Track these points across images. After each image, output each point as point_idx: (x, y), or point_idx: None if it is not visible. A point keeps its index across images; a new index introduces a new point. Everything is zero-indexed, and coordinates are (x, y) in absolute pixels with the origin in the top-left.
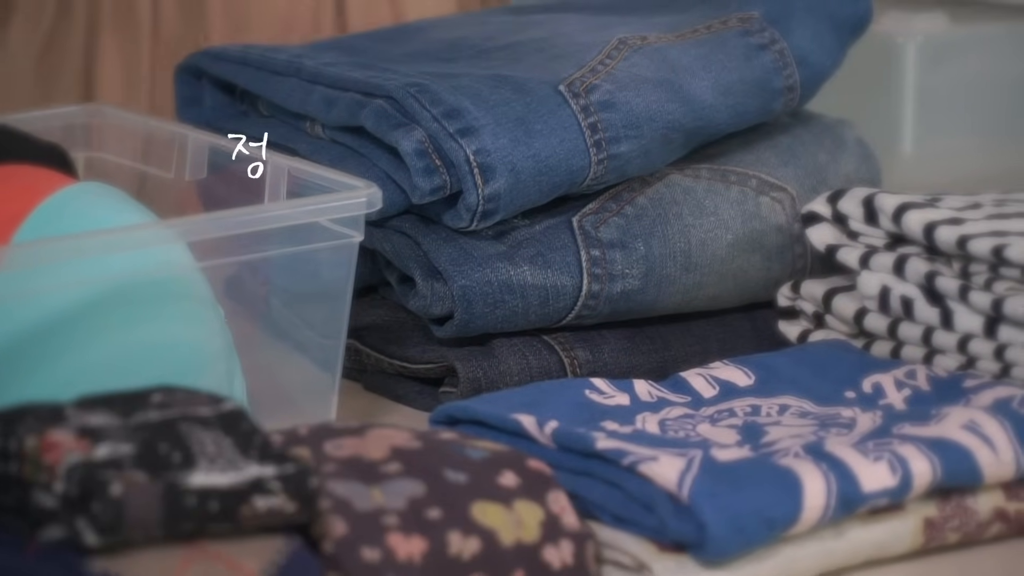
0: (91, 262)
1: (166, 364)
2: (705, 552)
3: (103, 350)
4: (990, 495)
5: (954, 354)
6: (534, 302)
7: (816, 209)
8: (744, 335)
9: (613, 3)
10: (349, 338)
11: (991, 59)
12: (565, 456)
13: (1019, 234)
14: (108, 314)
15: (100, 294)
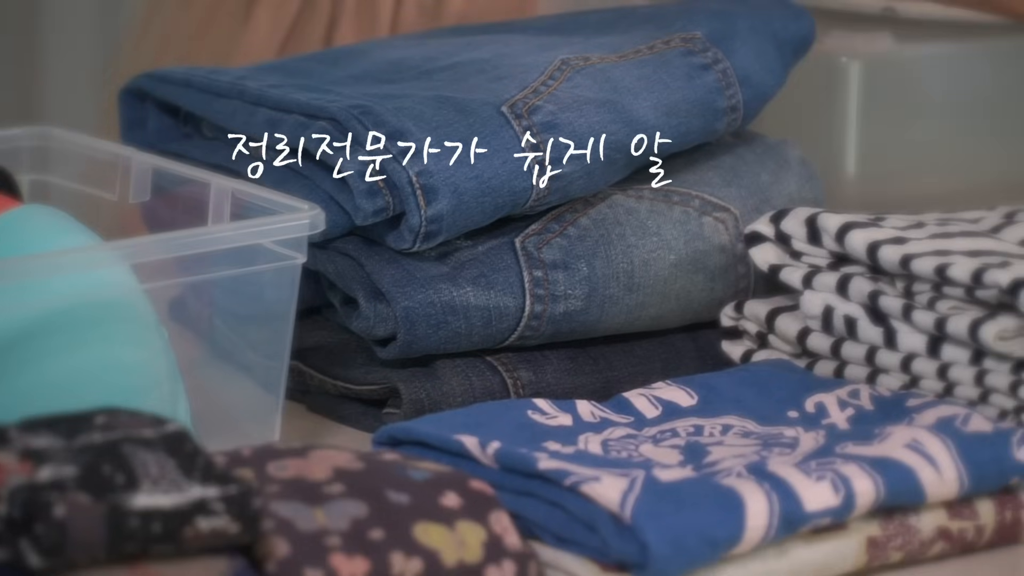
0: (35, 284)
1: (110, 386)
2: (647, 572)
3: (47, 372)
4: (933, 514)
5: (897, 373)
6: (477, 323)
7: (759, 229)
8: (687, 355)
9: (556, 24)
10: (293, 359)
11: (935, 78)
12: (507, 477)
13: (962, 253)
14: (52, 336)
15: (44, 316)
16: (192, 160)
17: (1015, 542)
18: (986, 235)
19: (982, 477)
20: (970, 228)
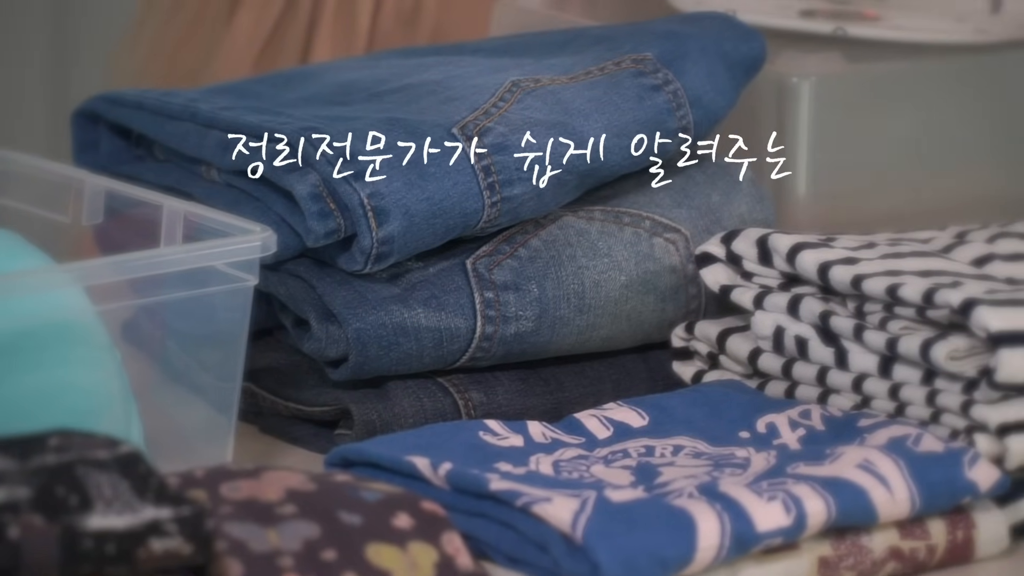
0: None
1: (63, 407)
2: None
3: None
4: (885, 534)
5: (849, 393)
6: (428, 344)
7: (710, 250)
8: (638, 376)
9: (507, 45)
10: (245, 381)
11: (886, 98)
12: (459, 497)
13: (913, 273)
14: (5, 358)
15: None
16: (145, 182)
17: (966, 561)
18: (937, 255)
19: (934, 497)
20: (921, 248)
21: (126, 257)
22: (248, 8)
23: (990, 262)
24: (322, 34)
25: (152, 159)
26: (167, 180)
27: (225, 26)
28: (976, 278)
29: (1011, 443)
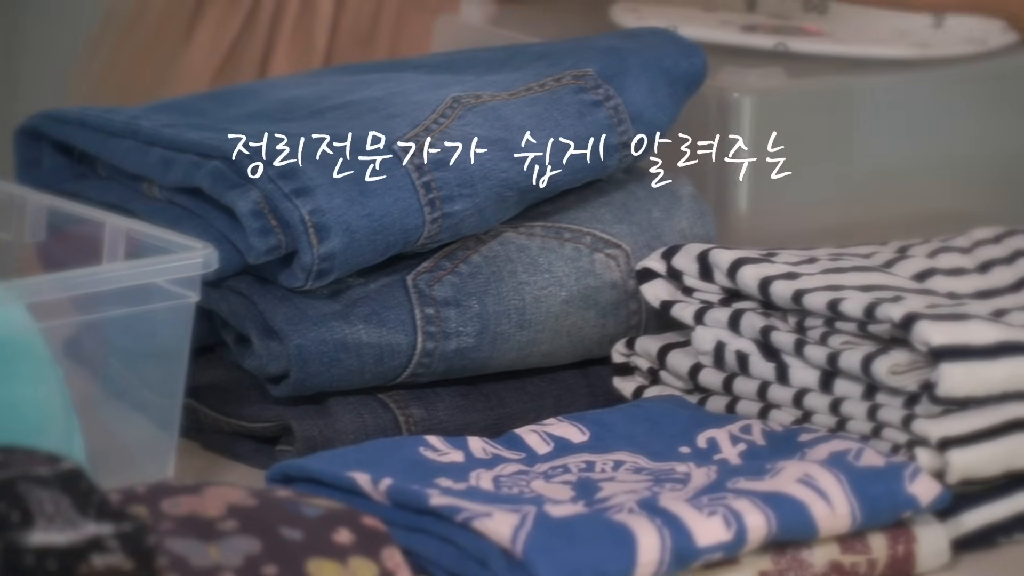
0: None
1: (5, 424)
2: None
3: None
4: (825, 548)
5: (790, 408)
6: (369, 360)
7: (651, 265)
8: (579, 392)
9: (448, 62)
10: (187, 397)
11: (828, 113)
12: (399, 513)
13: (855, 288)
14: None
15: None
16: (87, 199)
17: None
18: (879, 270)
19: (874, 511)
20: (863, 263)
21: (68, 274)
22: (206, 27)
23: (931, 277)
24: (279, 53)
25: (94, 176)
26: (109, 197)
27: (183, 44)
28: (917, 293)
29: (952, 457)
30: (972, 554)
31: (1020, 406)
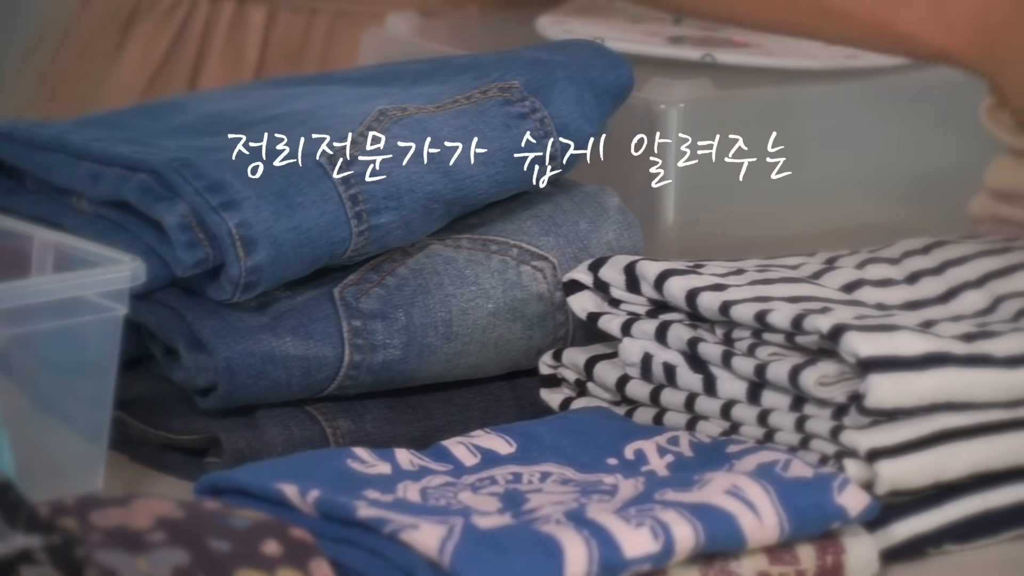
0: None
1: None
2: None
3: None
4: (754, 559)
5: (717, 420)
6: (296, 373)
7: (577, 277)
8: (506, 403)
9: (374, 75)
10: (115, 410)
11: (755, 125)
12: (327, 524)
13: (782, 299)
14: None
15: None
16: (16, 213)
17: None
18: (806, 281)
19: (803, 522)
20: (790, 274)
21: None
22: (137, 40)
23: (860, 288)
24: (209, 67)
25: (23, 190)
26: (38, 211)
27: (114, 59)
28: (846, 304)
29: (881, 468)
30: (901, 565)
31: (949, 417)
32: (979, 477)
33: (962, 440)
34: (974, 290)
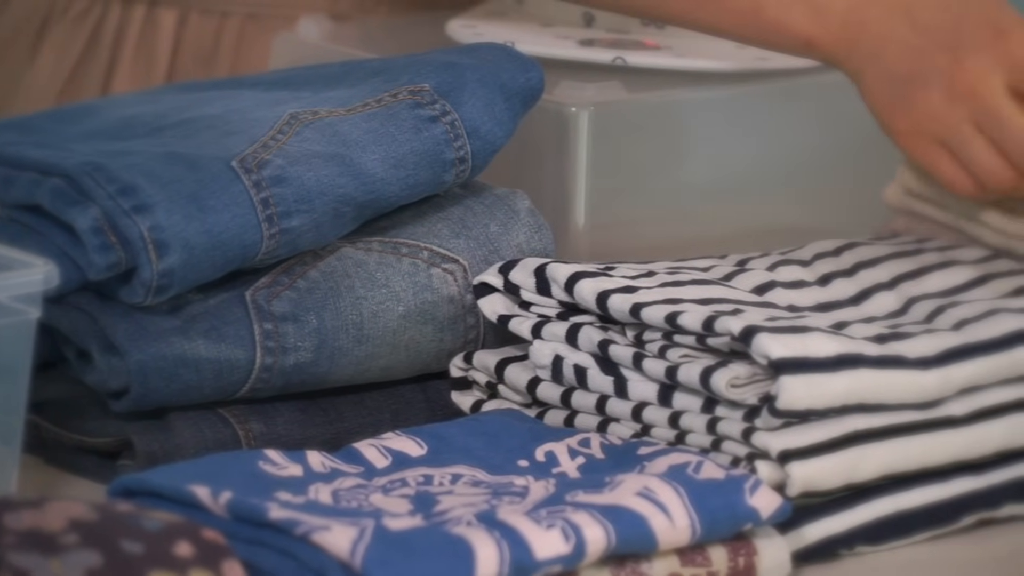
0: None
1: None
2: None
3: None
4: (665, 561)
5: (628, 422)
6: (208, 376)
7: (488, 280)
8: (417, 406)
9: (285, 78)
10: (29, 413)
11: (666, 127)
12: (239, 526)
13: (693, 301)
14: None
15: None
16: None
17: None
18: (718, 283)
19: (714, 524)
20: (701, 276)
21: None
22: (50, 46)
23: (771, 289)
24: (121, 73)
25: None
26: None
27: (27, 64)
28: (757, 306)
29: (792, 470)
30: (814, 566)
31: (861, 418)
32: (891, 478)
33: (874, 441)
34: (886, 292)
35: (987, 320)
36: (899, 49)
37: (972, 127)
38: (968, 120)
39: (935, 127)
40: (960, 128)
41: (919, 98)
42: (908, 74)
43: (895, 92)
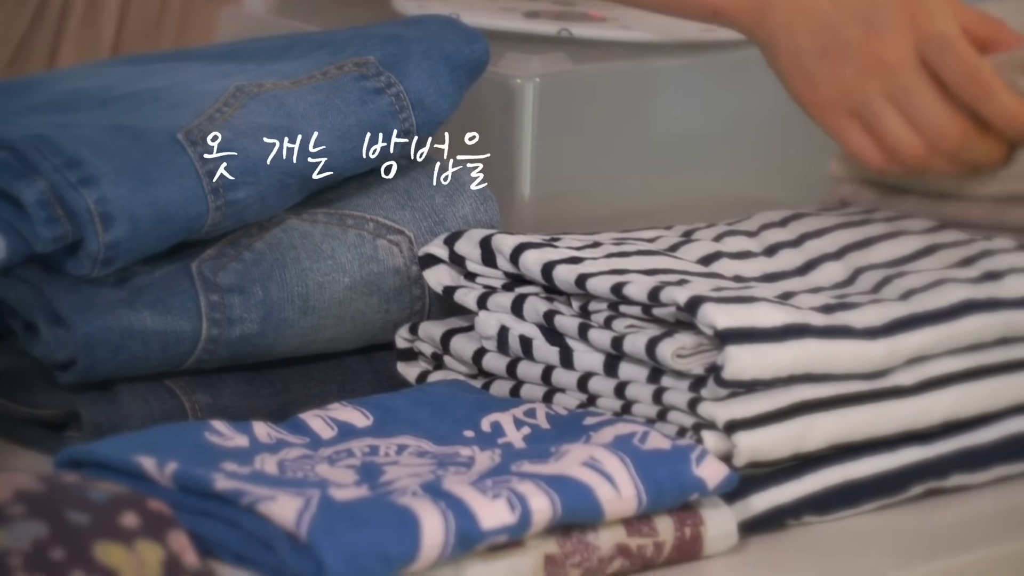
0: None
1: None
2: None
3: None
4: (611, 531)
5: (574, 392)
6: (155, 347)
7: (433, 251)
8: (363, 377)
9: (231, 51)
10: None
11: (612, 98)
12: (185, 497)
13: (638, 272)
14: None
15: None
16: None
17: (695, 558)
18: (663, 254)
19: (661, 494)
20: (647, 247)
21: None
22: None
23: (717, 260)
24: (67, 46)
25: None
26: None
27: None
28: (703, 276)
29: (739, 440)
30: (761, 536)
31: (808, 388)
32: (839, 448)
33: (821, 411)
34: (833, 262)
35: (935, 290)
36: (810, 21)
37: (884, 100)
38: (880, 93)
39: (847, 100)
40: (872, 101)
41: (831, 71)
42: (820, 46)
43: (806, 64)
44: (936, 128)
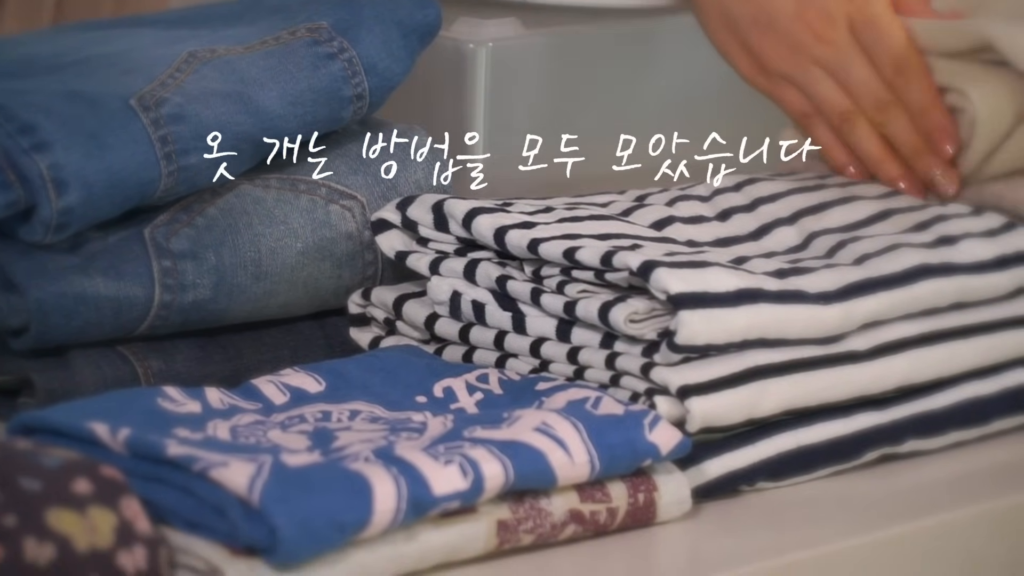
0: None
1: None
2: (276, 556)
3: None
4: (564, 496)
5: (527, 357)
6: (108, 313)
7: (385, 216)
8: (316, 342)
9: (184, 17)
10: None
11: (564, 63)
12: (138, 463)
13: (592, 237)
14: None
15: None
16: None
17: (648, 524)
18: (616, 218)
19: (614, 459)
20: (600, 212)
21: None
22: None
23: (670, 225)
24: (8, 10)
25: None
26: None
27: None
28: (656, 241)
29: (692, 405)
30: (714, 503)
31: (761, 353)
32: (793, 414)
33: (775, 377)
34: (786, 227)
35: (889, 255)
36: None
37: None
38: (814, 63)
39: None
40: (807, 69)
41: (763, 39)
42: (752, 16)
43: (739, 34)
44: (863, 85)
